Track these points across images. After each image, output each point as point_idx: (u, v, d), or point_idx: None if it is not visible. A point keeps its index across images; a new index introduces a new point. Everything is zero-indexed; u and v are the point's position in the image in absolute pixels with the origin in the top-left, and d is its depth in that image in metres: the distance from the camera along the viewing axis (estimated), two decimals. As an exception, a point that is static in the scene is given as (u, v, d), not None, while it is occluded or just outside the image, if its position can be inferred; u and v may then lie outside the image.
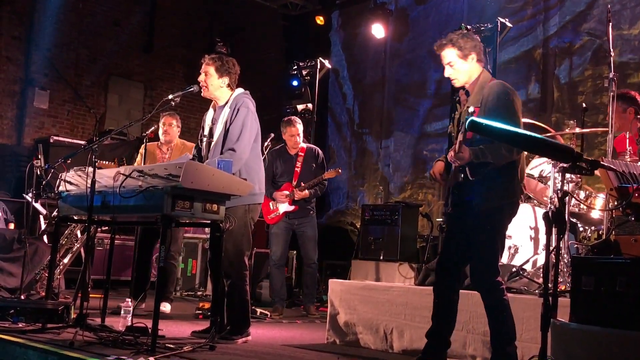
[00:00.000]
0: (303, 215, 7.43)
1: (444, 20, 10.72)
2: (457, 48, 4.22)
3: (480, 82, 4.23)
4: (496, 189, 4.10)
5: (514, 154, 4.03)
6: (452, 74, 4.28)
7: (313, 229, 7.55)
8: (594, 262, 3.30)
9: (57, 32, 11.08)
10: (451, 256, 4.29)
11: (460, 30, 4.37)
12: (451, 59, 4.24)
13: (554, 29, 9.33)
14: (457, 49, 4.22)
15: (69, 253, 6.79)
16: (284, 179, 7.44)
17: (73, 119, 11.39)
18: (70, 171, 5.06)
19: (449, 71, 4.28)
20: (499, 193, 4.12)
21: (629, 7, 8.54)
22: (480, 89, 4.20)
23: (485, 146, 4.00)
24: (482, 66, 4.30)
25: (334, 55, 12.19)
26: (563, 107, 9.07)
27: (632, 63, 8.36)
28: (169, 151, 7.00)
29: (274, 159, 7.51)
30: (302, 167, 7.43)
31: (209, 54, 5.27)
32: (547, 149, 2.90)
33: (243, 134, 4.93)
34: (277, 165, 7.49)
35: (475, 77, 4.26)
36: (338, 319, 5.37)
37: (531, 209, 5.84)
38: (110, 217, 5.03)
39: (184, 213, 4.31)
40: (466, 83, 4.27)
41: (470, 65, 4.25)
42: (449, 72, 4.28)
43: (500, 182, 4.11)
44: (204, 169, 4.40)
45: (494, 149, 3.98)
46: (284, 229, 7.41)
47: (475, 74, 4.26)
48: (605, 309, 3.07)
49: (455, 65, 4.24)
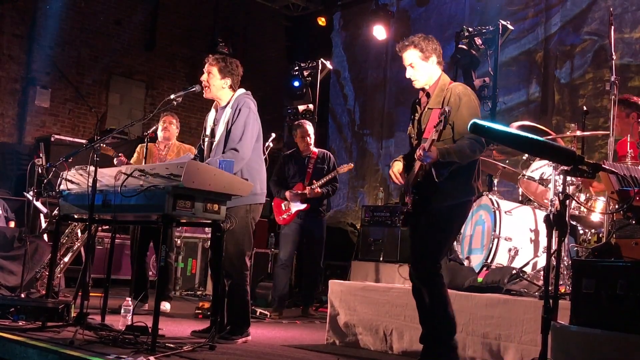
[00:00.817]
0: (314, 216, 7.42)
1: (445, 22, 10.73)
2: (419, 50, 4.37)
3: (441, 84, 4.37)
4: (457, 188, 4.24)
5: (477, 153, 4.19)
6: (413, 74, 4.41)
7: (322, 231, 7.56)
8: (594, 265, 3.30)
9: (58, 31, 11.10)
10: None
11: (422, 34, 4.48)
12: (413, 60, 4.38)
13: (555, 30, 9.33)
14: (419, 50, 4.37)
15: (70, 252, 6.80)
16: (296, 180, 7.44)
17: (74, 118, 11.40)
18: (72, 170, 5.07)
19: (410, 72, 4.41)
20: (459, 192, 4.27)
21: (630, 11, 8.55)
22: (440, 90, 4.34)
23: (450, 146, 4.13)
24: (441, 69, 4.45)
25: (336, 56, 12.19)
26: (564, 109, 9.07)
27: (633, 66, 8.36)
28: (165, 148, 7.00)
29: (286, 161, 7.56)
30: (313, 169, 7.45)
31: (212, 54, 5.28)
32: (549, 151, 2.90)
33: (245, 134, 4.93)
34: (290, 167, 7.52)
35: (435, 79, 4.41)
36: (338, 320, 5.37)
37: (531, 211, 5.84)
38: (111, 216, 5.03)
39: (185, 212, 4.31)
40: (426, 84, 4.41)
41: (431, 67, 4.39)
42: (410, 73, 4.42)
43: (460, 181, 4.25)
44: (205, 169, 4.41)
45: (458, 149, 4.12)
46: (295, 230, 7.40)
47: (435, 76, 4.41)
48: (606, 311, 3.07)
49: (417, 67, 4.38)
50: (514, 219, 5.73)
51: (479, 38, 8.63)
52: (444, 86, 4.35)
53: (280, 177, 7.50)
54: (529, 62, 9.55)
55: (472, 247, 5.95)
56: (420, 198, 4.24)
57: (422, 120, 4.38)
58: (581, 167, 2.78)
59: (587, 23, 8.97)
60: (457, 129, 4.18)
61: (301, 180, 7.40)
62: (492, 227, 5.67)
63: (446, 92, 4.29)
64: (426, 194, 4.20)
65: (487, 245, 5.68)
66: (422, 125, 4.36)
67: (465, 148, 4.12)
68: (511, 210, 5.79)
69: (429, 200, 4.20)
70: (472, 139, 4.13)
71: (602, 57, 8.54)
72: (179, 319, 6.29)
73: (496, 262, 5.60)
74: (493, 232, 5.63)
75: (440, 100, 4.26)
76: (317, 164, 7.47)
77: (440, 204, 4.20)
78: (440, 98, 4.28)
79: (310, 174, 7.41)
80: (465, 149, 4.12)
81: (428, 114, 4.33)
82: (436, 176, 4.10)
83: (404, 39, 4.45)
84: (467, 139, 4.14)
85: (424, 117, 4.36)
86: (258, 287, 8.36)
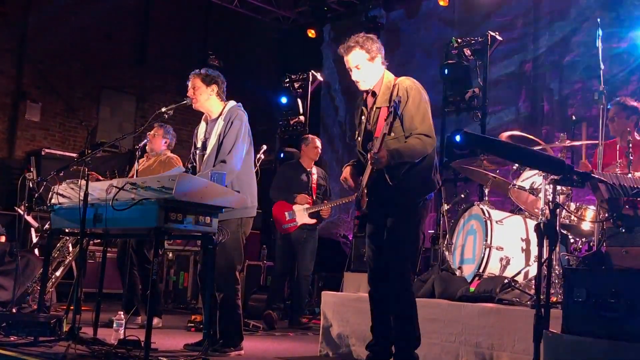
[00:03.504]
0: (311, 227, 7.49)
1: (434, 33, 10.80)
2: (365, 50, 4.25)
3: (386, 82, 4.27)
4: (416, 184, 4.17)
5: (428, 149, 4.11)
6: (360, 76, 4.28)
7: (314, 241, 7.61)
8: (585, 273, 3.32)
9: (49, 45, 11.09)
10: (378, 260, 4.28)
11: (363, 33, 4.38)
12: (359, 62, 4.25)
13: (543, 42, 9.40)
14: (365, 51, 4.25)
15: (61, 266, 6.76)
16: (296, 191, 7.47)
17: (65, 132, 11.38)
18: (63, 184, 5.05)
19: (357, 74, 4.28)
20: (417, 189, 4.20)
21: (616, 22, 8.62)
22: (387, 88, 4.24)
23: (400, 146, 4.06)
24: (384, 67, 4.33)
25: (326, 68, 12.23)
26: (553, 119, 9.12)
27: (621, 76, 8.43)
28: (151, 160, 6.96)
29: (288, 169, 7.64)
30: (317, 184, 7.53)
31: (202, 66, 5.31)
32: (539, 161, 2.92)
33: (236, 146, 4.93)
34: (292, 176, 7.56)
35: (379, 77, 4.30)
36: (331, 331, 5.36)
37: (522, 220, 5.86)
38: (102, 229, 5.01)
39: (176, 226, 4.29)
40: (371, 85, 4.30)
41: (377, 67, 4.29)
42: (356, 75, 4.28)
43: (419, 177, 4.17)
44: (197, 181, 4.40)
45: (408, 148, 4.06)
46: (294, 241, 7.44)
47: (379, 74, 4.30)
48: (598, 320, 3.08)
49: (363, 68, 4.26)
50: (505, 229, 5.75)
51: (468, 49, 8.71)
52: (389, 83, 4.25)
53: (283, 185, 7.52)
54: (519, 73, 9.62)
55: (464, 256, 5.96)
56: (377, 199, 4.17)
57: (370, 121, 4.29)
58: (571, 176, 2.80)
59: (576, 35, 9.05)
60: (405, 123, 4.08)
61: (307, 192, 7.45)
62: (483, 237, 5.68)
63: (393, 88, 4.19)
64: (383, 194, 4.14)
65: (479, 254, 5.69)
66: (372, 126, 4.27)
67: (415, 146, 4.07)
68: (502, 219, 5.80)
69: (388, 201, 4.14)
70: (421, 134, 4.08)
71: (591, 67, 8.60)
72: (172, 332, 6.26)
73: (488, 271, 5.61)
74: (484, 242, 5.64)
75: (388, 98, 4.17)
76: (318, 179, 7.56)
77: (401, 203, 4.14)
78: (387, 95, 4.19)
79: (316, 189, 7.47)
80: (415, 147, 4.06)
81: (377, 113, 4.24)
82: (389, 179, 4.05)
83: (346, 40, 4.31)
84: (416, 137, 4.08)
85: (372, 117, 4.27)
86: (251, 299, 8.34)
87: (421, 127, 4.11)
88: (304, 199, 7.38)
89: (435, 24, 10.87)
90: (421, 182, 4.20)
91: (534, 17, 9.54)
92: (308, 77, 10.12)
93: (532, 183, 5.56)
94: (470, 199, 7.48)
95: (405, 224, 4.17)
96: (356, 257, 8.27)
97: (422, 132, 4.10)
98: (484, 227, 5.71)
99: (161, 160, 6.92)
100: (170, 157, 6.97)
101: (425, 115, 4.18)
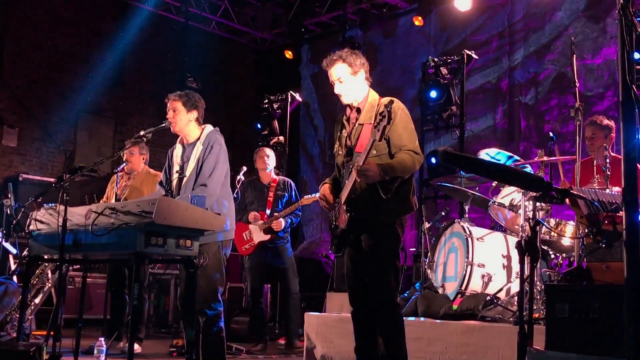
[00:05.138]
0: (278, 245, 7.29)
1: (411, 52, 10.89)
2: (348, 64, 4.27)
3: (370, 100, 4.29)
4: (399, 204, 4.15)
5: (417, 166, 4.13)
6: (342, 90, 4.29)
7: (290, 260, 7.45)
8: (567, 289, 3.34)
9: (25, 70, 11.02)
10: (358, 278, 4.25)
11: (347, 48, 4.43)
12: (341, 75, 4.27)
13: (518, 59, 9.51)
14: (348, 65, 4.27)
15: (40, 293, 6.67)
16: (254, 207, 7.32)
17: (42, 157, 11.28)
18: (41, 210, 4.99)
19: (339, 88, 4.29)
20: (401, 208, 4.18)
21: (590, 38, 8.75)
22: (371, 106, 4.25)
23: (391, 161, 4.06)
24: (369, 84, 4.36)
25: (304, 89, 12.28)
26: (530, 135, 9.21)
27: (596, 92, 8.54)
28: (130, 180, 6.92)
29: (245, 189, 7.46)
30: (274, 196, 7.37)
31: (180, 90, 5.26)
32: (518, 178, 2.94)
33: (215, 171, 4.91)
34: (248, 194, 7.43)
35: (364, 94, 4.31)
36: (315, 353, 5.34)
37: (503, 237, 5.89)
38: (82, 255, 4.96)
39: (157, 250, 4.24)
40: (355, 100, 4.31)
41: (360, 82, 4.31)
42: (338, 88, 4.29)
43: (402, 196, 4.16)
44: (177, 205, 4.37)
45: (399, 163, 4.05)
46: (259, 263, 7.31)
47: (363, 91, 4.32)
48: (581, 335, 3.10)
49: (346, 82, 4.27)
50: (486, 246, 5.77)
51: (445, 68, 8.79)
52: (374, 102, 4.27)
53: (241, 204, 7.38)
54: (495, 90, 9.71)
55: (446, 274, 5.98)
56: (358, 216, 4.13)
57: (351, 137, 4.29)
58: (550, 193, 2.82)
59: (550, 51, 9.17)
60: (393, 142, 4.09)
61: (261, 208, 7.30)
62: (465, 254, 5.70)
63: (378, 107, 4.20)
64: (365, 211, 4.11)
65: (461, 272, 5.71)
66: (352, 142, 4.27)
67: (407, 161, 4.07)
68: (483, 237, 5.83)
69: (367, 219, 4.11)
70: (410, 151, 4.10)
71: (566, 83, 8.71)
72: (153, 357, 6.19)
73: (470, 288, 5.63)
74: (466, 259, 5.66)
75: (372, 116, 4.17)
76: (277, 190, 7.42)
77: (384, 221, 4.10)
78: (372, 113, 4.19)
79: (272, 202, 7.35)
80: (406, 162, 4.06)
81: (359, 129, 4.24)
82: (383, 192, 4.01)
83: (331, 54, 4.34)
84: (406, 152, 4.09)
85: (354, 133, 4.27)
86: (233, 322, 8.28)
87: (410, 144, 4.14)
88: (253, 216, 7.22)
89: (411, 42, 10.97)
90: (401, 203, 4.18)
91: (509, 33, 9.65)
92: (287, 98, 10.14)
93: (512, 200, 5.61)
94: (451, 215, 7.51)
95: (386, 244, 4.14)
96: (338, 277, 8.24)
97: (410, 149, 4.11)
98: (465, 244, 5.73)
99: (145, 178, 6.89)
100: (152, 173, 6.95)
101: (412, 134, 4.21)
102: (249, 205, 7.41)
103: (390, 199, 4.07)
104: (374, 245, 4.13)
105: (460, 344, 4.52)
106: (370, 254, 4.14)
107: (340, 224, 4.21)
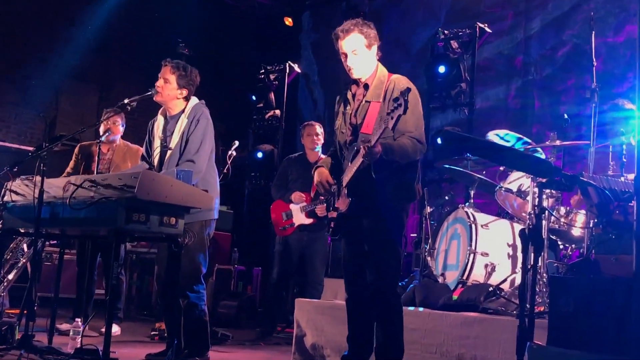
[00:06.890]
0: (317, 229, 7.07)
1: (419, 23, 10.82)
2: (365, 36, 4.23)
3: (379, 76, 4.26)
4: (400, 189, 4.17)
5: (418, 154, 4.13)
6: (354, 62, 4.24)
7: (324, 247, 7.36)
8: (572, 282, 3.35)
9: (3, 29, 10.95)
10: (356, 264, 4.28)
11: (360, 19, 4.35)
12: (357, 47, 4.22)
13: (535, 34, 9.44)
14: (364, 36, 4.23)
15: (14, 268, 6.69)
16: (297, 185, 7.11)
17: (21, 124, 11.25)
18: (17, 180, 5.00)
19: (352, 60, 4.23)
20: (400, 195, 4.19)
21: (613, 14, 8.69)
22: (379, 82, 4.23)
23: (392, 143, 4.04)
24: (377, 59, 4.33)
25: (304, 59, 12.21)
26: (544, 117, 9.17)
27: (617, 72, 8.49)
28: (109, 152, 6.91)
29: (289, 165, 7.33)
30: None
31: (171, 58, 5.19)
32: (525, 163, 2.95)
33: (202, 146, 4.91)
34: (292, 172, 7.26)
35: (373, 69, 4.29)
36: (305, 341, 5.37)
37: (509, 225, 5.90)
38: (59, 230, 4.98)
39: (138, 227, 4.25)
40: (363, 75, 4.27)
41: (372, 56, 4.28)
42: (351, 60, 4.23)
43: (404, 181, 4.18)
44: (161, 179, 4.37)
45: (400, 148, 4.05)
46: (294, 246, 7.13)
47: (373, 65, 4.29)
48: (585, 331, 3.11)
49: (360, 54, 4.23)
50: (491, 233, 5.79)
51: (455, 41, 8.72)
52: (383, 77, 4.24)
53: (283, 181, 7.26)
54: (508, 67, 9.65)
55: (447, 262, 6.00)
56: (358, 200, 4.14)
57: (357, 114, 4.27)
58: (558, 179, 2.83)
59: (569, 27, 9.09)
60: (398, 125, 3.98)
61: (306, 188, 7.01)
62: (468, 242, 5.71)
63: (388, 83, 4.19)
64: (365, 194, 4.11)
65: (463, 260, 5.73)
66: (358, 120, 4.25)
67: (408, 147, 4.06)
68: (488, 223, 5.84)
69: (370, 201, 4.11)
70: (414, 138, 4.09)
71: (585, 62, 8.65)
72: (134, 341, 6.24)
73: (472, 278, 5.66)
74: (469, 247, 5.68)
75: (380, 93, 4.16)
76: None
77: (383, 205, 4.10)
78: (380, 90, 4.18)
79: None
80: (407, 147, 4.06)
81: (365, 107, 4.22)
82: (373, 172, 3.99)
83: (344, 23, 4.28)
84: (409, 138, 4.09)
85: (360, 110, 4.25)
86: (220, 306, 8.32)
87: (415, 131, 4.13)
88: (298, 196, 7.01)
89: (419, 13, 10.90)
90: (405, 189, 4.20)
91: (525, 7, 9.58)
92: (285, 69, 10.11)
93: (520, 185, 5.61)
94: (456, 200, 7.51)
95: (389, 229, 4.16)
96: (333, 262, 8.28)
97: (415, 136, 4.11)
98: (468, 231, 5.75)
99: (126, 152, 6.89)
100: (132, 147, 6.95)
101: (419, 121, 4.20)
102: (292, 182, 7.22)
103: (392, 183, 4.09)
104: (376, 230, 4.15)
105: (459, 337, 4.54)
106: (372, 239, 4.17)
107: (340, 207, 4.23)
